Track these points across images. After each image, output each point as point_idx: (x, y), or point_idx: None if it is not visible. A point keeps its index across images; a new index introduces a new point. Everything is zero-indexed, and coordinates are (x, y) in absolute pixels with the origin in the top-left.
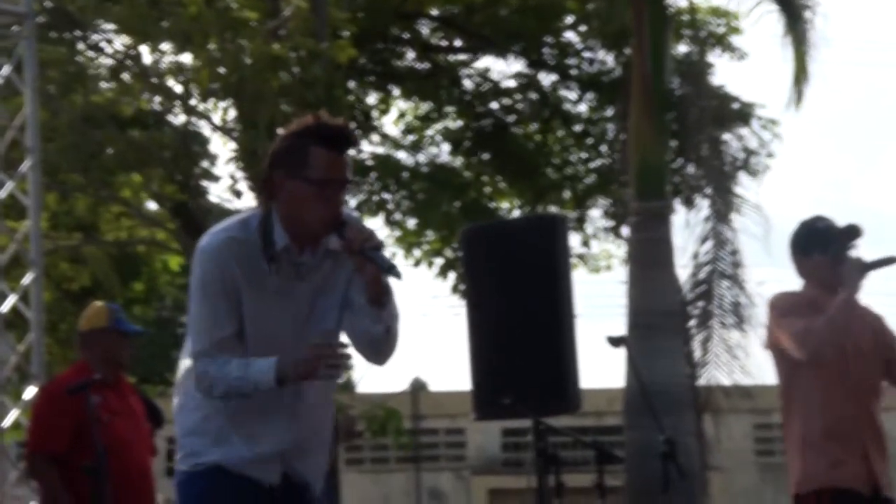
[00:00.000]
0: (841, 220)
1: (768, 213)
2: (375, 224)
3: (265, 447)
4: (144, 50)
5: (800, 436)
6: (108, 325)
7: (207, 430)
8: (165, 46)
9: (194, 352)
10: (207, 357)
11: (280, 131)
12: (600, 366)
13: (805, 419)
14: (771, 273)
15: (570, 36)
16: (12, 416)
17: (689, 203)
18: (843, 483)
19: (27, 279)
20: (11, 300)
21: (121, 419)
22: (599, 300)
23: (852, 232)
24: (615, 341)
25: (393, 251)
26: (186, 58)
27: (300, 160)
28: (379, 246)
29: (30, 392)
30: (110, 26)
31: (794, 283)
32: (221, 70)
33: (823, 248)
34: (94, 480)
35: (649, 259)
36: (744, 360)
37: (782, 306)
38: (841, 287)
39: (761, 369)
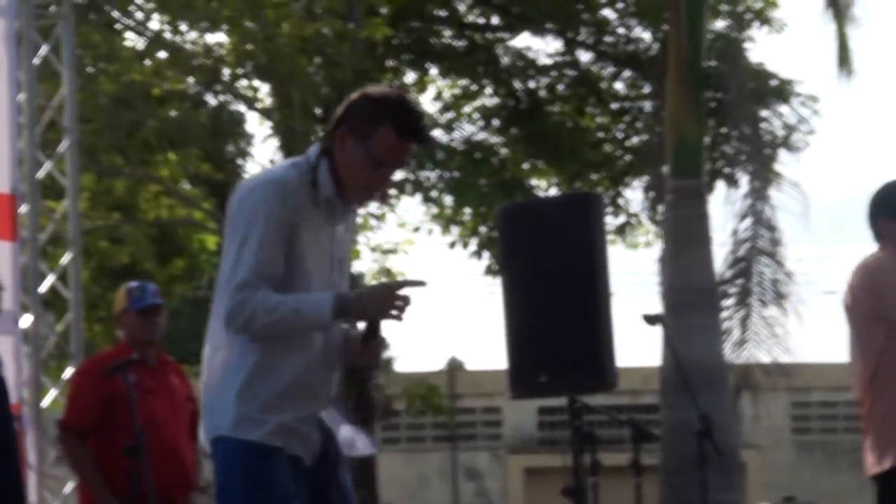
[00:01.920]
0: None
1: (807, 190)
2: (413, 203)
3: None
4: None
5: (891, 410)
6: (127, 305)
7: (253, 407)
8: (198, 27)
9: (238, 281)
10: (251, 287)
11: (359, 93)
12: (636, 344)
13: None
14: (809, 251)
15: (606, 13)
16: (51, 395)
17: (729, 180)
18: None
19: (66, 259)
20: (50, 280)
21: (156, 398)
22: (637, 277)
23: None
24: (651, 319)
25: (430, 228)
26: (220, 37)
27: (368, 131)
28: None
29: (69, 372)
30: (148, 6)
31: (834, 259)
32: (250, 48)
33: None
34: (132, 460)
35: (685, 237)
36: (783, 337)
37: (889, 270)
38: None
39: (800, 347)
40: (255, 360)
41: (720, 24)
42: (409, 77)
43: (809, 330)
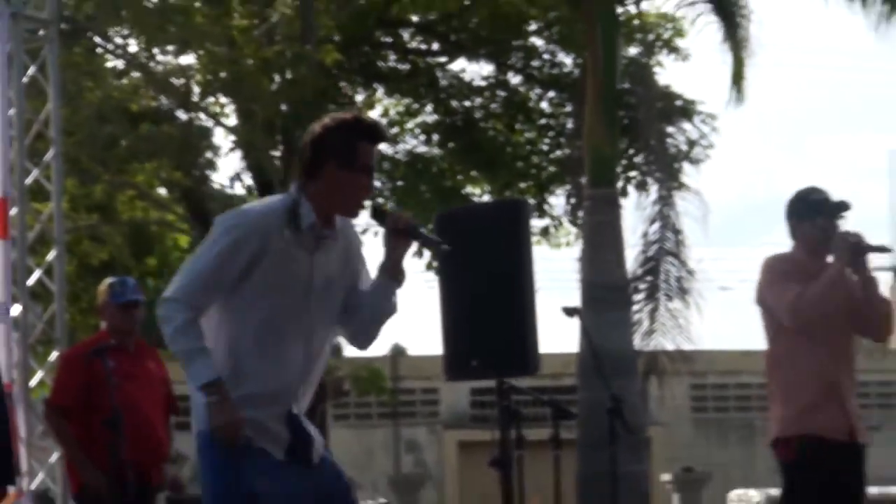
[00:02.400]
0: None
1: (707, 198)
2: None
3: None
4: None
5: (782, 386)
6: (108, 299)
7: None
8: (169, 49)
9: (175, 290)
10: (181, 304)
11: (318, 125)
12: (557, 333)
13: (787, 371)
14: (707, 251)
15: (534, 41)
16: (38, 376)
17: (640, 188)
18: (818, 430)
19: (51, 255)
20: (37, 274)
21: (132, 382)
22: (559, 274)
23: (842, 205)
24: (570, 312)
25: (376, 230)
26: (190, 59)
27: (350, 153)
28: (419, 226)
29: (53, 355)
30: (125, 31)
31: (728, 259)
32: (217, 69)
33: (815, 215)
34: (111, 433)
35: (600, 239)
36: (685, 327)
37: (777, 270)
38: (832, 257)
39: (699, 336)
40: (231, 366)
41: (633, 51)
42: (359, 97)
43: (707, 321)
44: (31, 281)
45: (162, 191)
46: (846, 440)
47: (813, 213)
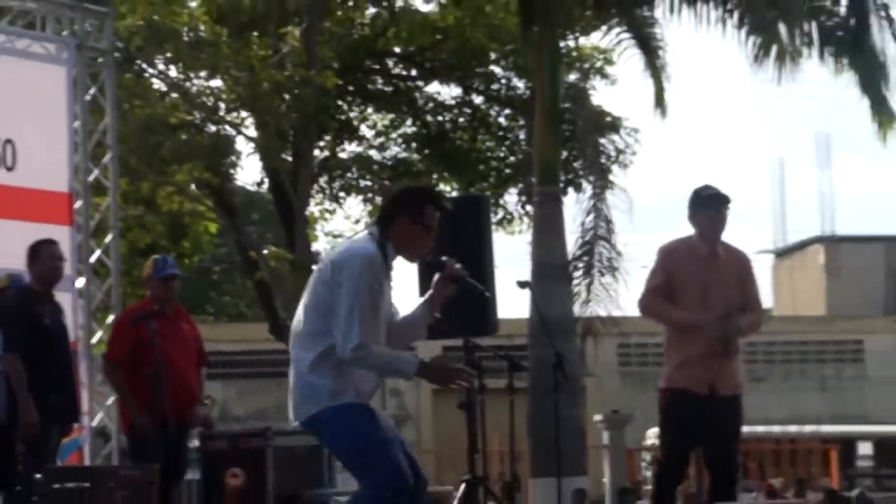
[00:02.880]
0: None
1: (632, 194)
2: (355, 202)
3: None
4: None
5: (665, 347)
6: (152, 273)
7: (344, 386)
8: (201, 74)
9: (355, 344)
10: (365, 347)
11: (400, 187)
12: (512, 302)
13: (670, 335)
14: (633, 237)
15: (493, 68)
16: (98, 336)
17: (578, 187)
18: (682, 384)
19: (108, 239)
20: (97, 254)
21: (170, 341)
22: (514, 256)
23: (724, 199)
24: (522, 284)
25: (367, 220)
26: (217, 82)
27: (419, 211)
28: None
29: (109, 319)
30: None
31: (648, 244)
32: (239, 90)
33: (705, 208)
34: (154, 382)
35: (547, 227)
36: (615, 298)
37: (657, 259)
38: (704, 325)
39: (625, 304)
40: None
41: (572, 77)
42: (353, 113)
43: (632, 292)
44: (92, 259)
45: (194, 187)
46: (706, 393)
47: (703, 205)
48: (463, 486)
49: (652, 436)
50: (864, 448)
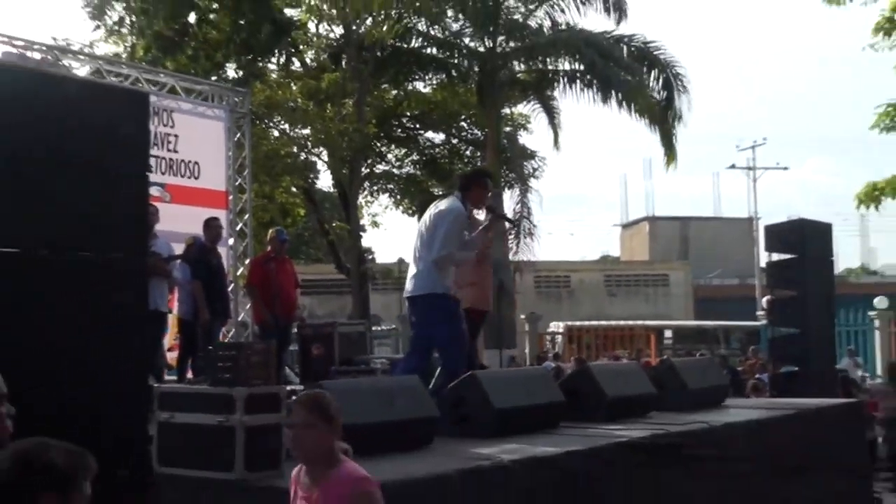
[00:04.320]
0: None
1: (541, 193)
2: (384, 198)
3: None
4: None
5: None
6: (275, 236)
7: (446, 282)
8: (298, 127)
9: (443, 248)
10: (448, 250)
11: (473, 170)
12: None
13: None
14: (543, 216)
15: (463, 124)
16: (240, 270)
17: (511, 188)
18: (469, 303)
19: (246, 217)
20: (240, 225)
21: (280, 274)
22: None
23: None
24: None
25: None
26: (306, 131)
27: (482, 183)
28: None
29: (246, 262)
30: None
31: (553, 222)
32: (320, 137)
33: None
34: (272, 296)
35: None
36: (531, 250)
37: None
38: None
39: (538, 252)
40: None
41: (507, 129)
42: (384, 149)
43: (542, 248)
44: (237, 228)
45: (294, 189)
46: (486, 308)
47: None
48: None
49: (553, 328)
50: (668, 333)
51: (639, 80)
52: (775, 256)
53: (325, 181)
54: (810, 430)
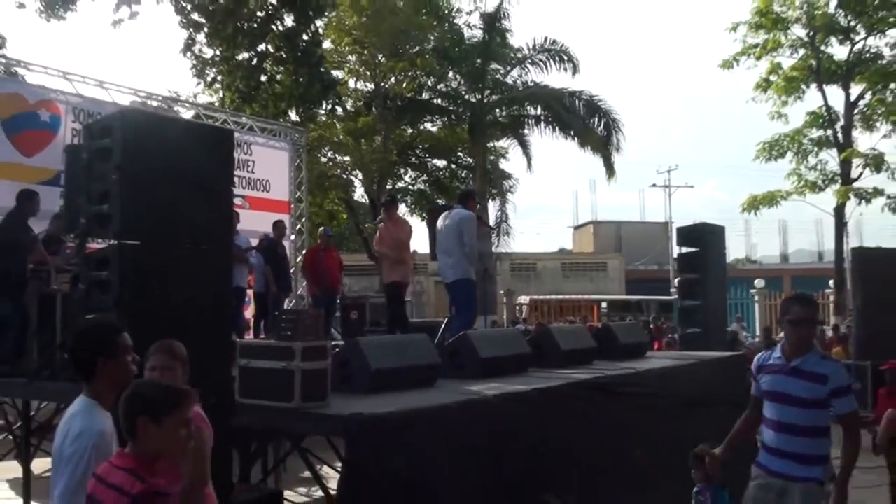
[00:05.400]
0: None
1: (516, 203)
2: (402, 207)
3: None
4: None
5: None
6: (323, 233)
7: (471, 270)
8: (339, 155)
9: (471, 243)
10: (472, 249)
11: (463, 190)
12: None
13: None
14: (516, 221)
15: (460, 154)
16: (299, 259)
17: (493, 199)
18: (394, 279)
19: (303, 219)
20: (297, 226)
21: (328, 260)
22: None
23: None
24: (490, 227)
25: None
26: (346, 158)
27: (474, 199)
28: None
29: (304, 251)
30: (325, 147)
31: (524, 223)
32: (354, 162)
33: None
34: (322, 277)
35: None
36: (508, 244)
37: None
38: None
39: (513, 247)
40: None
41: (492, 157)
42: (402, 171)
43: (516, 243)
44: (297, 227)
45: (337, 200)
46: (407, 282)
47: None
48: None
49: (522, 300)
50: (605, 305)
51: (587, 122)
52: (684, 250)
53: (359, 194)
54: (708, 375)
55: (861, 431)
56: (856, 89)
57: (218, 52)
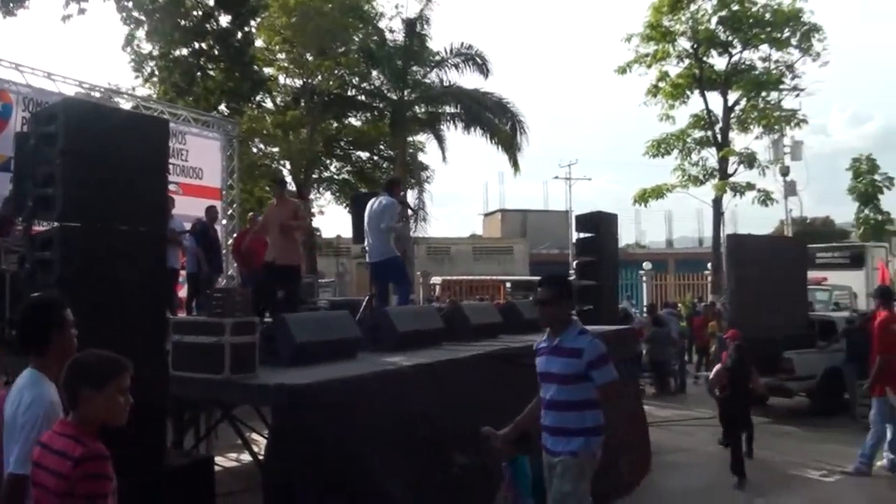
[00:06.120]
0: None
1: (433, 192)
2: (327, 194)
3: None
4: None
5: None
6: (252, 217)
7: (393, 248)
8: (266, 145)
9: (392, 223)
10: (395, 223)
11: (389, 179)
12: None
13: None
14: (434, 208)
15: (381, 147)
16: (230, 241)
17: (413, 189)
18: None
19: (235, 205)
20: (230, 211)
21: (255, 243)
22: None
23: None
24: (411, 209)
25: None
26: (275, 149)
27: (399, 186)
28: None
29: (234, 236)
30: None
31: (441, 211)
32: (281, 153)
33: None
34: (248, 260)
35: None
36: (425, 229)
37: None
38: None
39: (429, 232)
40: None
41: (411, 150)
42: (328, 162)
43: (431, 228)
44: (238, 212)
45: (268, 188)
46: (288, 263)
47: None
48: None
49: (436, 280)
50: (508, 285)
51: (497, 121)
52: (582, 235)
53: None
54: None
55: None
56: (732, 96)
57: (156, 49)
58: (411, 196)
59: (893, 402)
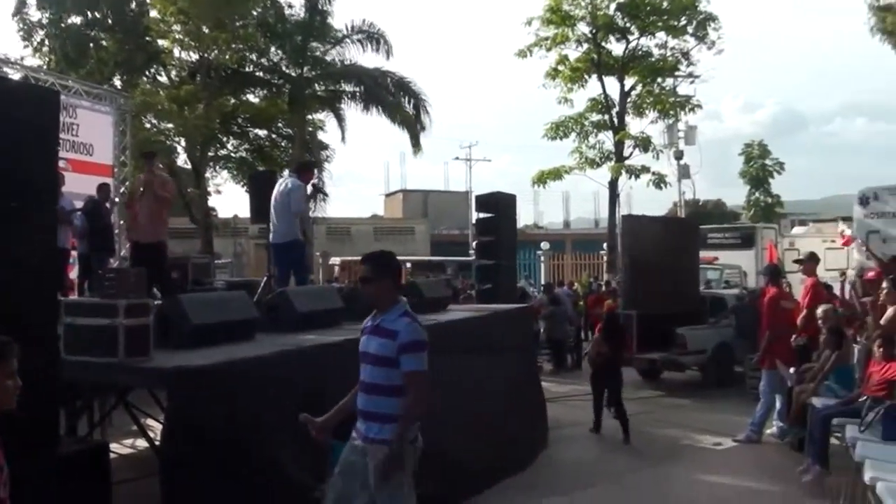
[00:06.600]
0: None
1: (332, 172)
2: (224, 173)
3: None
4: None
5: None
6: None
7: (298, 231)
8: (161, 122)
9: (301, 208)
10: (302, 208)
11: (303, 161)
12: None
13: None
14: (331, 189)
15: (280, 125)
16: (121, 222)
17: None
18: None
19: (127, 182)
20: (122, 189)
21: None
22: None
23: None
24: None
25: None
26: (170, 125)
27: (311, 169)
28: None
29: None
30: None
31: (342, 192)
32: (180, 127)
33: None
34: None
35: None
36: (324, 209)
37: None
38: None
39: (330, 214)
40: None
41: (310, 129)
42: (225, 139)
43: (330, 209)
44: (120, 190)
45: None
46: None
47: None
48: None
49: (335, 261)
50: (409, 265)
51: (398, 100)
52: (481, 215)
53: (182, 160)
54: (501, 324)
55: (424, 393)
56: (629, 81)
57: (47, 16)
58: (315, 175)
59: (784, 373)
